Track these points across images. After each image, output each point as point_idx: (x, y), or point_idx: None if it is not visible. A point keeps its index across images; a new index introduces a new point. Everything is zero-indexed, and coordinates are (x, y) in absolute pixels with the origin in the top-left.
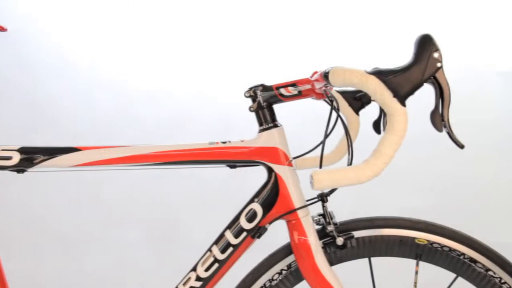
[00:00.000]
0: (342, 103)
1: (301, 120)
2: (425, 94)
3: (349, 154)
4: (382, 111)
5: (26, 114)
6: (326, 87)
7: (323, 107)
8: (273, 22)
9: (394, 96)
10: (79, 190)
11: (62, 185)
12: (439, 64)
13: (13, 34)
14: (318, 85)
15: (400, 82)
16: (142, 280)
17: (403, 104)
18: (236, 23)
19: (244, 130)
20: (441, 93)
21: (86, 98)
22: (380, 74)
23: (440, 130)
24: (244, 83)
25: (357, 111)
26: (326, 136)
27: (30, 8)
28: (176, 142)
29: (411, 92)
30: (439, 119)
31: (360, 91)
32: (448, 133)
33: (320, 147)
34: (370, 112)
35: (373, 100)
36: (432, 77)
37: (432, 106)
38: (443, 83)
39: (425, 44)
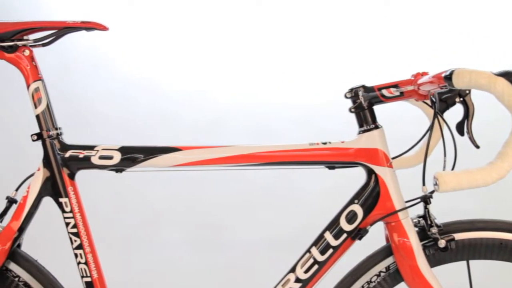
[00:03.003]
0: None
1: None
2: None
3: (445, 155)
4: (466, 113)
5: (63, 113)
6: (441, 88)
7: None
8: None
9: None
10: (123, 190)
11: (106, 186)
12: None
13: None
14: (430, 87)
15: None
16: (186, 280)
17: None
18: (273, 27)
19: (281, 132)
20: None
21: (123, 98)
22: (509, 75)
23: None
24: (279, 86)
25: (441, 112)
26: (429, 136)
27: (67, 8)
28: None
29: None
30: None
31: (446, 93)
32: None
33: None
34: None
35: (458, 102)
36: None
37: None
38: None
39: None
